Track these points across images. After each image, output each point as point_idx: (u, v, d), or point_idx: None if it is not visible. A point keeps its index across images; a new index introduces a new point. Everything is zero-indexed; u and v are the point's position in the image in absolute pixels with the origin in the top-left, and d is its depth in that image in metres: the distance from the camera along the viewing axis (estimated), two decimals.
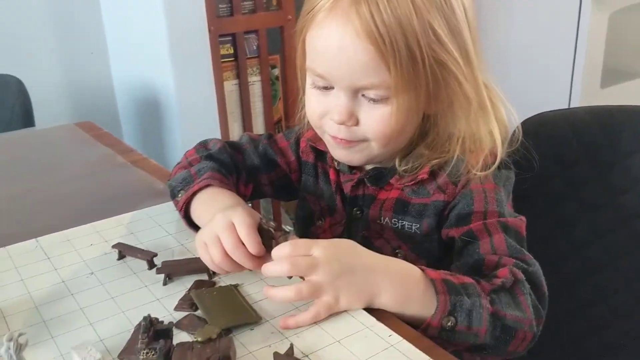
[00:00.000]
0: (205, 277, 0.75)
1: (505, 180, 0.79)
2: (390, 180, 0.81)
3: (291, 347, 0.61)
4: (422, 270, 0.68)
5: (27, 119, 1.70)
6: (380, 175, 0.82)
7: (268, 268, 0.68)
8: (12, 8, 2.00)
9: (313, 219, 0.92)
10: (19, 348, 0.58)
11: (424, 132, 0.80)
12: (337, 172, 0.87)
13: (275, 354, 0.60)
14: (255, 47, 2.19)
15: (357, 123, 0.75)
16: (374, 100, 0.73)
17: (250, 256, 0.69)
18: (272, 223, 0.72)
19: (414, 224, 0.80)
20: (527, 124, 1.02)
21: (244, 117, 2.23)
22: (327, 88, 0.75)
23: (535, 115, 1.05)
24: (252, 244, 0.68)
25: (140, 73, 2.11)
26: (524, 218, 0.79)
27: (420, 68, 0.69)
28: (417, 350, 0.61)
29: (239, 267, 0.71)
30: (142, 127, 2.19)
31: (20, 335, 0.59)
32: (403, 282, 0.67)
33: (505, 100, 0.79)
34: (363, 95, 0.73)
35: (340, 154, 0.80)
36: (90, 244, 0.85)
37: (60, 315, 0.70)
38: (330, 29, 0.71)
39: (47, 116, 1.84)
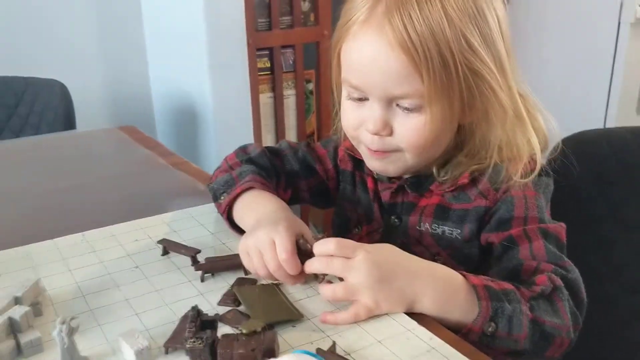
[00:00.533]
0: (243, 274, 0.77)
1: (545, 187, 0.80)
2: (430, 187, 0.82)
3: (333, 345, 0.62)
4: (464, 276, 0.69)
5: (68, 122, 1.75)
6: (420, 182, 0.83)
7: (307, 266, 0.70)
8: (59, 17, 2.07)
9: (349, 227, 0.93)
10: (71, 331, 0.60)
11: (460, 141, 0.80)
12: (375, 181, 0.88)
13: (318, 350, 0.61)
14: (291, 62, 2.23)
15: (391, 133, 0.76)
16: (408, 110, 0.73)
17: (291, 276, 0.71)
18: (318, 235, 0.73)
19: (454, 230, 0.80)
20: (566, 142, 1.02)
21: (277, 129, 2.26)
22: (362, 99, 0.77)
23: (575, 134, 1.05)
24: (291, 269, 0.70)
25: (178, 82, 2.16)
26: (563, 225, 0.79)
27: (454, 77, 0.70)
28: (459, 354, 0.61)
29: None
30: (177, 135, 2.23)
31: (72, 319, 0.61)
32: (445, 288, 0.68)
33: (543, 109, 0.80)
34: (397, 105, 0.74)
35: (375, 164, 0.81)
36: (135, 240, 0.87)
37: (106, 305, 0.72)
38: (364, 40, 0.72)
39: (87, 120, 1.89)
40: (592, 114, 2.28)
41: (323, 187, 0.96)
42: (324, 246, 0.69)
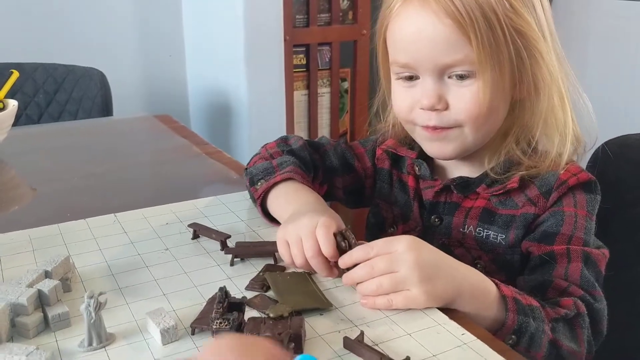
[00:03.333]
0: (272, 260, 0.76)
1: (593, 207, 0.78)
2: (477, 189, 0.80)
3: (361, 334, 0.60)
4: (496, 284, 0.68)
5: (106, 110, 1.77)
6: (466, 183, 0.81)
7: (348, 277, 0.68)
8: (101, 9, 2.10)
9: (384, 227, 0.92)
10: (99, 306, 0.60)
11: (509, 125, 0.78)
12: (417, 179, 0.86)
13: (346, 339, 0.60)
14: (327, 59, 2.22)
15: (447, 107, 0.74)
16: (461, 78, 0.72)
17: (326, 266, 0.70)
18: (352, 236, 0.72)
19: (499, 235, 0.78)
20: (609, 145, 0.99)
21: (310, 127, 2.25)
22: (413, 78, 0.76)
23: (617, 137, 1.02)
24: (327, 248, 0.68)
25: (214, 76, 2.17)
26: (607, 252, 0.77)
27: (501, 38, 0.70)
28: (492, 351, 0.59)
29: (315, 271, 0.71)
30: (210, 128, 2.24)
31: (100, 294, 0.61)
32: (480, 293, 0.66)
33: (580, 91, 0.78)
34: (449, 77, 0.73)
35: (433, 146, 0.79)
36: (166, 223, 0.87)
37: (135, 285, 0.72)
38: (408, 15, 0.73)
39: (124, 108, 1.91)
40: (636, 117, 2.22)
41: (359, 186, 0.95)
42: (363, 252, 0.66)
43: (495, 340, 0.62)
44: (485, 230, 0.80)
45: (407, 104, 0.77)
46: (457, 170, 0.84)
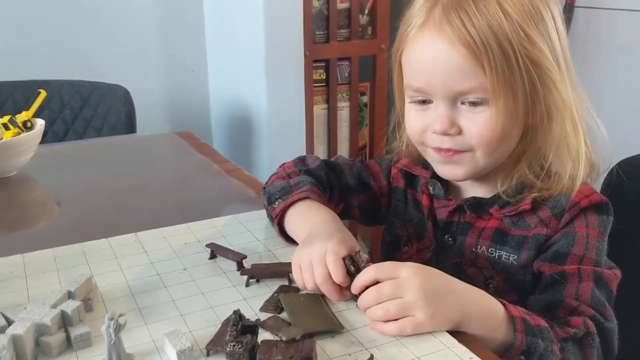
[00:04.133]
0: (287, 282, 0.78)
1: (605, 228, 0.78)
2: (490, 210, 0.81)
3: (371, 357, 0.62)
4: (504, 305, 0.68)
5: (129, 126, 1.82)
6: (479, 204, 0.82)
7: (359, 301, 0.69)
8: (125, 26, 2.15)
9: (399, 245, 0.93)
10: (118, 327, 0.63)
11: (522, 150, 0.79)
12: (431, 198, 0.88)
13: None
14: (346, 74, 2.24)
15: (460, 132, 0.75)
16: (474, 105, 0.73)
17: (337, 290, 0.71)
18: (365, 256, 0.73)
19: (511, 255, 0.79)
20: (624, 165, 0.99)
21: (330, 141, 2.27)
22: (426, 102, 0.77)
23: (633, 156, 1.02)
24: (337, 274, 0.70)
25: (235, 91, 2.21)
26: (619, 273, 0.77)
27: (515, 67, 0.70)
28: None
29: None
30: (232, 142, 2.28)
31: (120, 316, 0.63)
32: (488, 314, 0.67)
33: (595, 116, 0.79)
34: (462, 103, 0.74)
35: (444, 169, 0.80)
36: (185, 242, 0.90)
37: (154, 305, 0.74)
38: (424, 41, 0.74)
39: (147, 125, 1.96)
40: None
41: (374, 204, 0.96)
42: (365, 276, 0.68)
43: None
44: (498, 251, 0.81)
45: (420, 127, 0.79)
46: (471, 190, 0.85)
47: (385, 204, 0.96)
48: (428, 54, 0.73)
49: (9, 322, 0.66)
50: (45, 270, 0.83)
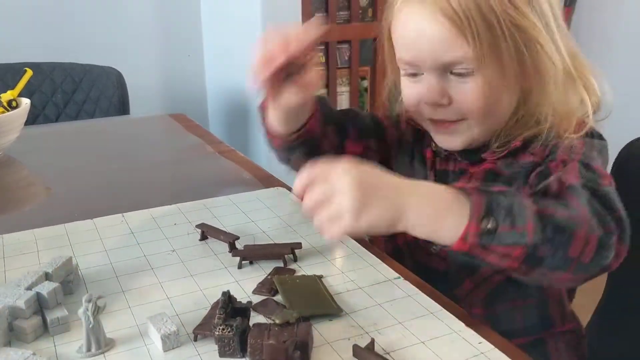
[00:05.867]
0: (281, 264, 0.74)
1: (600, 149, 0.73)
2: (483, 155, 0.78)
3: (372, 342, 0.57)
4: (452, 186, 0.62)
5: (123, 109, 1.77)
6: (472, 150, 0.79)
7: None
8: (119, 8, 2.10)
9: None
10: (97, 310, 0.58)
11: (521, 116, 0.76)
12: (434, 152, 0.85)
13: (355, 347, 0.57)
14: (346, 58, 2.18)
15: (450, 102, 0.74)
16: (462, 75, 0.72)
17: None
18: None
19: None
20: (634, 147, 0.95)
21: None
22: (417, 74, 0.76)
23: None
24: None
25: (232, 76, 2.15)
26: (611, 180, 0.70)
27: (499, 35, 0.69)
28: None
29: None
30: (228, 128, 2.23)
31: (99, 298, 0.59)
32: (431, 196, 0.60)
33: (595, 71, 0.76)
34: (452, 73, 0.73)
35: (441, 139, 0.79)
36: (174, 223, 0.85)
37: (138, 288, 0.69)
38: (408, 13, 0.74)
39: (142, 108, 1.91)
40: None
41: (388, 153, 0.91)
42: (301, 179, 0.61)
43: (514, 349, 0.58)
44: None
45: (414, 98, 0.77)
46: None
47: (394, 155, 0.92)
48: (412, 27, 0.73)
49: None
50: (24, 251, 0.78)
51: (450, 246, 0.59)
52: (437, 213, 0.59)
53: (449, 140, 0.78)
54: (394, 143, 0.91)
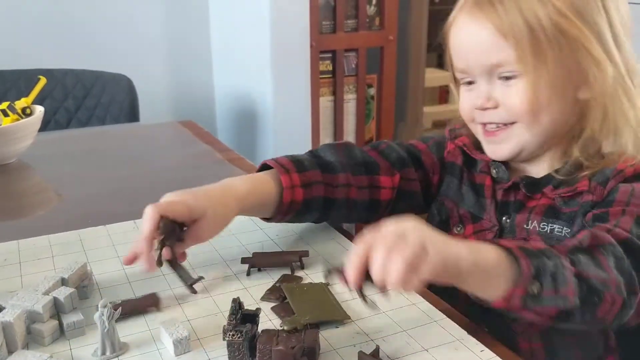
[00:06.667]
0: (289, 271, 0.76)
1: None
2: (544, 190, 0.79)
3: (377, 349, 0.59)
4: (494, 243, 0.63)
5: (132, 116, 1.79)
6: (534, 182, 0.80)
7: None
8: (129, 16, 2.13)
9: (449, 225, 0.88)
10: (112, 315, 0.60)
11: (579, 129, 0.77)
12: (493, 180, 0.84)
13: (360, 353, 0.59)
14: (353, 66, 2.21)
15: (496, 105, 0.77)
16: (507, 79, 0.75)
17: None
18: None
19: (564, 228, 0.76)
20: None
21: (336, 134, 2.24)
22: (471, 83, 0.79)
23: None
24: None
25: (240, 82, 2.18)
26: None
27: (543, 39, 0.72)
28: None
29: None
30: (236, 134, 2.25)
31: (113, 304, 0.61)
32: (479, 264, 0.60)
33: None
34: (499, 78, 0.76)
35: (491, 148, 0.81)
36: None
37: (151, 293, 0.71)
38: (460, 24, 0.78)
39: (152, 115, 1.93)
40: None
41: (428, 181, 0.91)
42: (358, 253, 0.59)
43: (515, 358, 0.60)
44: (550, 225, 0.78)
45: (467, 105, 0.81)
46: (527, 172, 0.83)
47: (436, 182, 0.92)
48: (463, 36, 0.78)
49: (0, 309, 0.63)
50: (40, 257, 0.80)
51: (491, 302, 0.60)
52: (484, 280, 0.60)
53: (497, 149, 0.80)
54: (436, 167, 0.91)
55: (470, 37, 0.77)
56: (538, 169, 0.82)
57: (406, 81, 2.62)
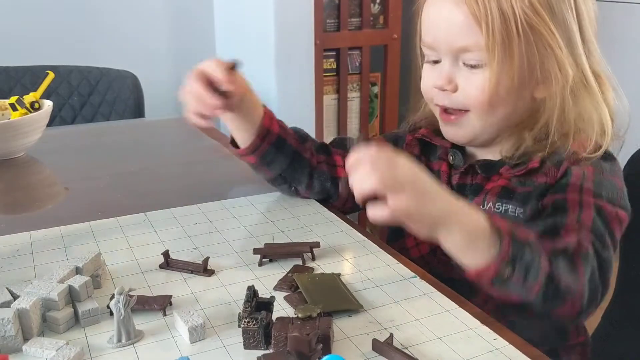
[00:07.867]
0: (300, 262, 0.76)
1: (610, 171, 0.76)
2: (500, 170, 0.81)
3: (391, 337, 0.60)
4: (489, 216, 0.66)
5: (138, 112, 1.79)
6: (490, 164, 0.82)
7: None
8: (134, 13, 2.13)
9: None
10: (128, 302, 0.60)
11: (531, 123, 0.79)
12: (450, 166, 0.87)
13: (375, 341, 0.59)
14: (357, 64, 2.21)
15: (456, 89, 0.78)
16: (472, 67, 0.76)
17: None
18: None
19: (518, 208, 0.78)
20: None
21: (339, 132, 2.24)
22: (436, 62, 0.80)
23: None
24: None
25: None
26: (623, 215, 0.74)
27: (513, 31, 0.72)
28: (525, 357, 0.58)
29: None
30: None
31: (130, 290, 0.61)
32: (471, 224, 0.64)
33: (620, 92, 0.78)
34: (465, 64, 0.77)
35: (447, 130, 0.83)
36: (195, 222, 0.88)
37: (163, 283, 0.72)
38: (432, 1, 0.79)
39: (157, 111, 1.93)
40: None
41: None
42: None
43: (527, 346, 0.60)
44: (504, 205, 0.80)
45: (429, 83, 0.82)
46: (482, 157, 0.85)
47: None
48: (435, 12, 0.78)
49: (15, 297, 0.64)
50: (52, 247, 0.80)
51: (465, 272, 0.65)
52: (467, 245, 0.64)
53: (454, 132, 0.82)
54: None
55: (443, 14, 0.77)
56: (493, 155, 0.84)
57: (410, 80, 2.62)
